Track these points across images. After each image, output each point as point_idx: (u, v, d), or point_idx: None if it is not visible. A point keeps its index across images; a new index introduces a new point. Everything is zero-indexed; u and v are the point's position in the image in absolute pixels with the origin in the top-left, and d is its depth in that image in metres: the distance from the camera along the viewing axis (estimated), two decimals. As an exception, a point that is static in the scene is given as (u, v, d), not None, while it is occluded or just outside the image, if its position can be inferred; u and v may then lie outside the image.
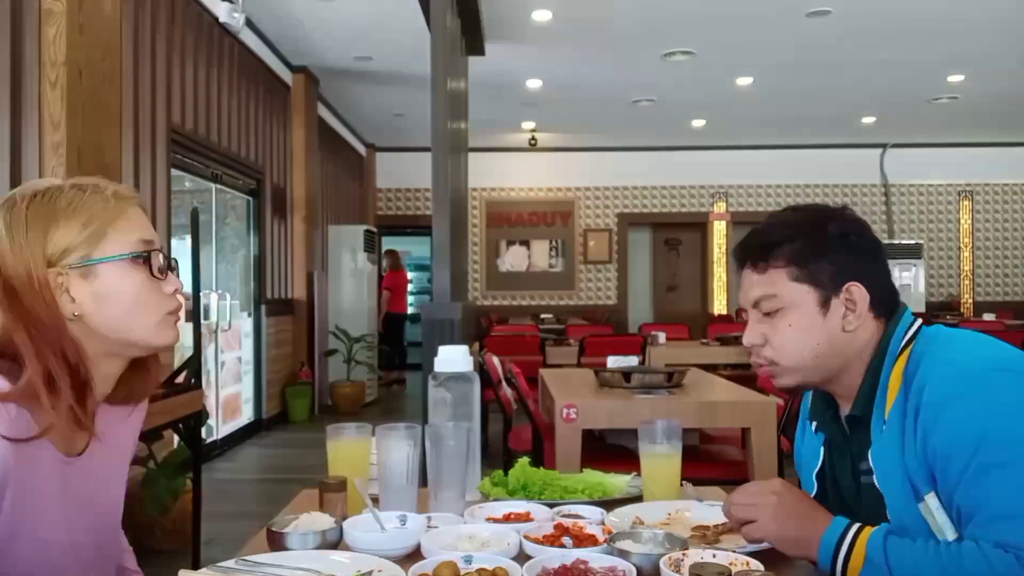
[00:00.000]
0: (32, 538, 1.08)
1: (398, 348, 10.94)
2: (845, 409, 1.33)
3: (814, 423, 1.40)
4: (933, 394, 1.17)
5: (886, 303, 1.30)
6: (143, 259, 1.13)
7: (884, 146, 11.49)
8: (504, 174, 11.70)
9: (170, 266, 1.18)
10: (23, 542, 1.07)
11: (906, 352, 1.26)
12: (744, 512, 1.23)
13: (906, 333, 1.28)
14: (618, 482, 1.62)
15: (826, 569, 1.17)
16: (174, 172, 5.29)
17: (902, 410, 1.21)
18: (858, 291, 1.27)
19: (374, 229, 9.67)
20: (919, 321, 1.31)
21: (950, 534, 1.16)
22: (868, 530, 1.17)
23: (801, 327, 1.28)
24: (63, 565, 1.12)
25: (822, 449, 1.37)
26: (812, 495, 1.38)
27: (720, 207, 11.84)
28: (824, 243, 1.28)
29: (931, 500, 1.17)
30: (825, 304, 1.27)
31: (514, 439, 3.96)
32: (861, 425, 1.28)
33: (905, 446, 1.19)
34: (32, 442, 1.04)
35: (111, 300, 1.11)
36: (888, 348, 1.27)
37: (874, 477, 1.24)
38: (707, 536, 1.30)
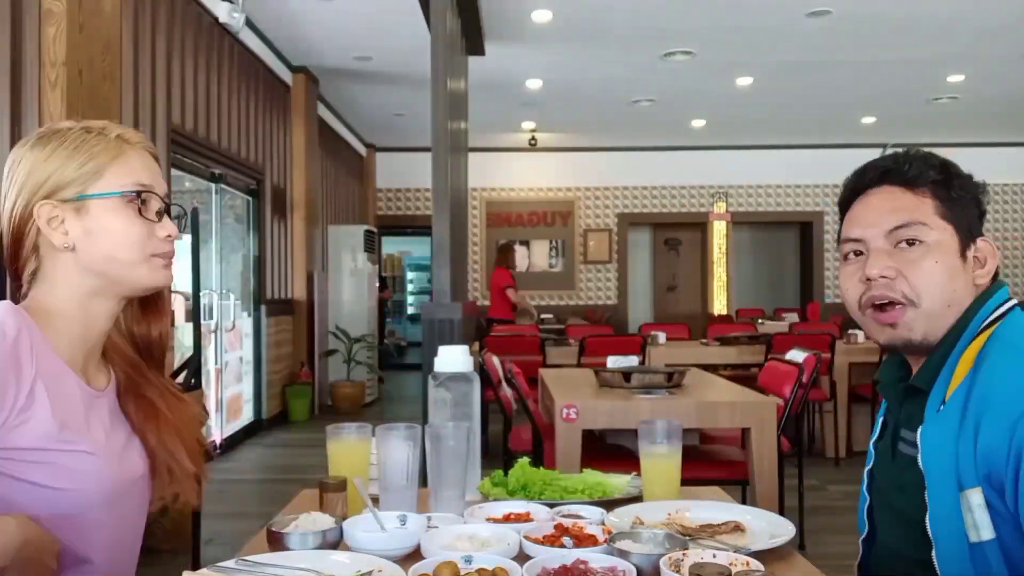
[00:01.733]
0: (82, 457, 1.12)
1: None
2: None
3: (879, 394, 1.33)
4: (1013, 393, 1.08)
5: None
6: (134, 199, 1.17)
7: (884, 146, 11.47)
8: (504, 174, 11.70)
9: (169, 212, 1.22)
10: (77, 459, 1.12)
11: (986, 333, 1.17)
12: None
13: (995, 310, 1.19)
14: (618, 482, 1.61)
15: None
16: (174, 172, 5.29)
17: (965, 396, 1.12)
18: (987, 247, 1.21)
19: (374, 229, 9.67)
20: (1014, 301, 1.20)
21: (986, 533, 1.09)
22: None
23: (947, 267, 1.18)
24: (112, 489, 1.16)
25: (880, 420, 1.32)
26: (870, 465, 1.33)
27: (720, 207, 11.83)
28: (966, 191, 1.21)
29: (974, 496, 1.09)
30: (963, 252, 1.20)
31: (514, 439, 3.96)
32: (918, 396, 1.21)
33: (961, 435, 1.11)
34: (56, 368, 1.12)
35: (100, 236, 1.16)
36: (972, 321, 1.18)
37: (918, 456, 1.16)
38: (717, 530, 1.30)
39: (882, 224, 1.21)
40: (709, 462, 3.27)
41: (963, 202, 1.21)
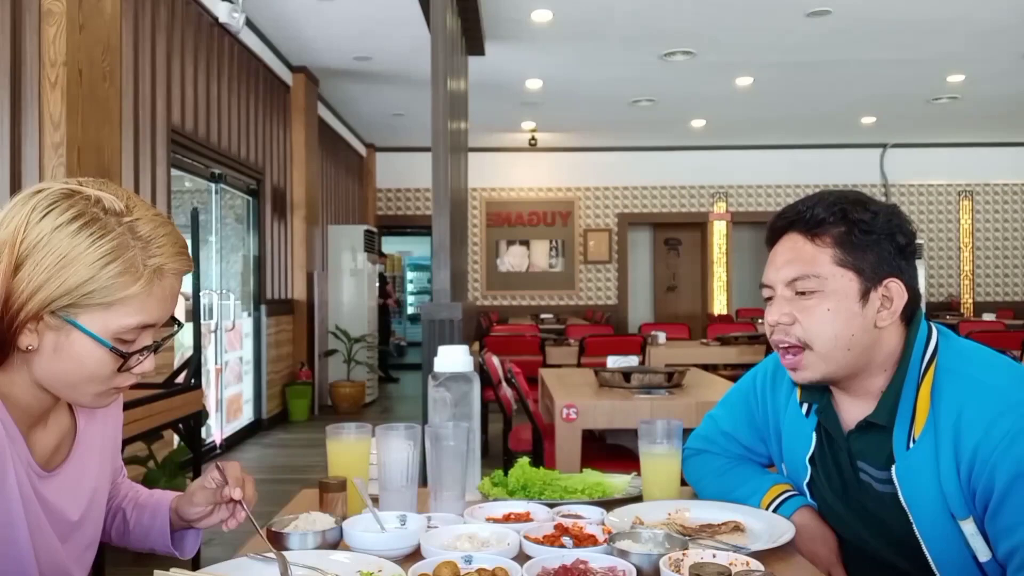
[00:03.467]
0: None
1: None
2: (849, 405, 1.33)
3: (805, 406, 1.39)
4: (986, 425, 1.15)
5: (911, 307, 1.28)
6: (119, 354, 1.03)
7: (884, 146, 11.49)
8: (504, 174, 11.70)
9: (157, 348, 1.08)
10: None
11: (931, 370, 1.25)
12: None
13: (926, 344, 1.27)
14: (618, 482, 1.61)
15: None
16: (174, 172, 5.29)
17: (934, 432, 1.21)
18: (896, 287, 1.26)
19: (374, 229, 9.68)
20: (934, 331, 1.29)
21: (982, 556, 1.19)
22: None
23: (839, 314, 1.25)
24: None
25: (813, 435, 1.37)
26: (805, 479, 1.39)
27: (720, 207, 11.84)
28: (872, 233, 1.25)
29: (966, 526, 1.19)
30: (864, 295, 1.25)
31: (514, 439, 3.96)
32: (875, 431, 1.28)
33: (941, 469, 1.19)
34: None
35: (64, 359, 1.02)
36: (910, 360, 1.26)
37: (899, 493, 1.24)
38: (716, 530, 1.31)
39: (783, 274, 1.29)
40: (709, 462, 3.26)
41: (867, 244, 1.25)
